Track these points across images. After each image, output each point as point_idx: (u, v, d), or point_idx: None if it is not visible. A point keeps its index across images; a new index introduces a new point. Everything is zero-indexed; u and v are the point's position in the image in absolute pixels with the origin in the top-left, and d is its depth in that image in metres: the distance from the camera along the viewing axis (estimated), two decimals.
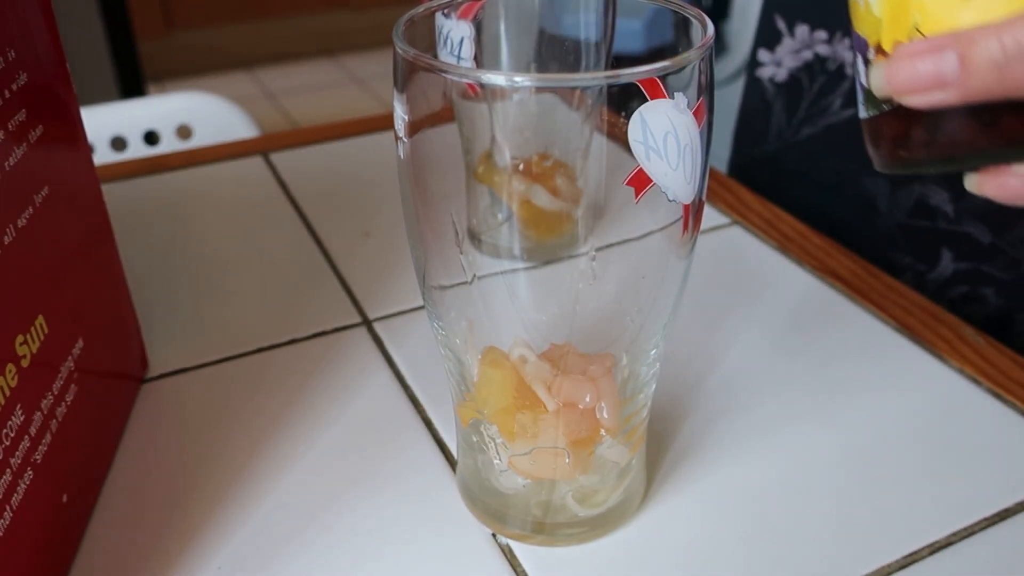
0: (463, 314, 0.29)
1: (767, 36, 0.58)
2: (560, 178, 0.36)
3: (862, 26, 0.27)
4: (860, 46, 0.27)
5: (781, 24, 0.57)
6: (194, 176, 0.57)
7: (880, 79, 0.26)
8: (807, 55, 0.56)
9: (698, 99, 0.24)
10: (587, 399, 0.28)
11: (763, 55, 0.59)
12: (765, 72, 0.59)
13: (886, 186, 0.53)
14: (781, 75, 0.58)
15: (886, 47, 0.25)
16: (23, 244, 0.28)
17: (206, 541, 0.32)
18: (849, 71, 0.54)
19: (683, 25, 0.26)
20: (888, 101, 0.26)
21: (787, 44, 0.57)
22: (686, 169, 0.24)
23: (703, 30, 0.25)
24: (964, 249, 0.51)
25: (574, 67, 0.36)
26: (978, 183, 0.27)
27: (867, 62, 0.27)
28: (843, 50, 0.54)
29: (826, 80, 0.55)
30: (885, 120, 0.27)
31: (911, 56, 0.24)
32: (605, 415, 0.29)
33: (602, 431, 0.29)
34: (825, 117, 0.56)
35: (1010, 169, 0.26)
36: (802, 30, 0.56)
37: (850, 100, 0.55)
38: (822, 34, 0.55)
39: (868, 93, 0.27)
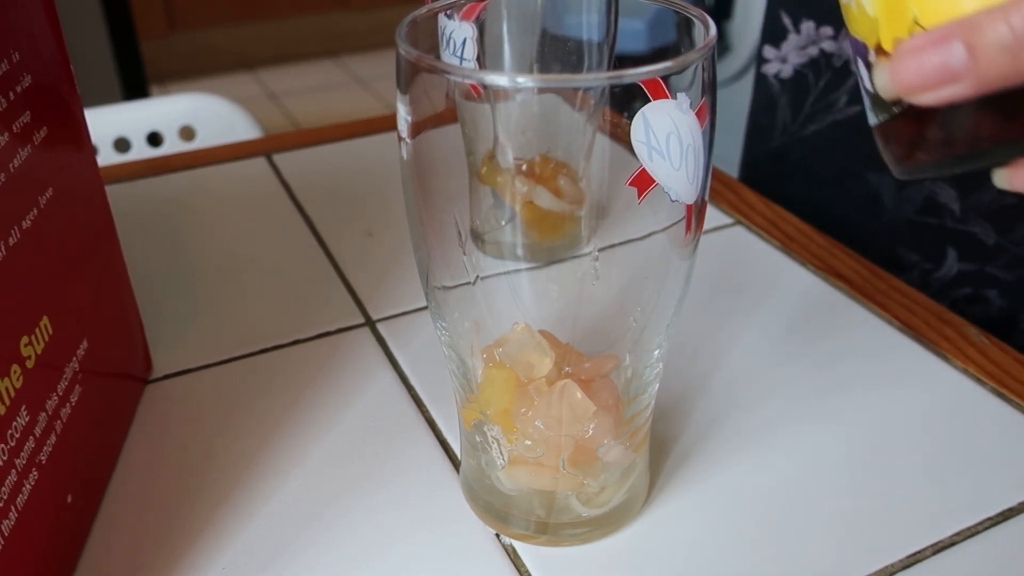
0: (466, 315, 0.29)
1: (772, 32, 0.58)
2: (563, 179, 0.36)
3: (858, 29, 0.25)
4: (859, 50, 0.25)
5: (786, 20, 0.57)
6: (197, 177, 0.57)
7: (885, 80, 0.24)
8: (813, 51, 0.56)
9: (701, 99, 0.24)
10: (589, 430, 0.28)
11: (768, 51, 0.59)
12: (770, 68, 0.59)
13: (892, 182, 0.53)
14: (786, 71, 0.58)
15: (886, 46, 0.24)
16: (27, 246, 0.28)
17: (210, 541, 0.32)
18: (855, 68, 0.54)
19: (685, 25, 0.26)
20: (897, 103, 0.24)
21: (792, 40, 0.57)
22: (688, 169, 0.24)
23: (705, 30, 0.25)
24: (969, 248, 0.50)
25: (577, 68, 0.36)
26: (1008, 178, 0.25)
27: (869, 65, 0.25)
28: (848, 46, 0.54)
29: (832, 76, 0.55)
30: (897, 124, 0.25)
31: (914, 51, 0.22)
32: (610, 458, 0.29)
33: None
34: (831, 113, 0.56)
35: None
36: (808, 26, 0.56)
37: (856, 96, 0.55)
38: (828, 30, 0.55)
39: (875, 98, 0.25)
